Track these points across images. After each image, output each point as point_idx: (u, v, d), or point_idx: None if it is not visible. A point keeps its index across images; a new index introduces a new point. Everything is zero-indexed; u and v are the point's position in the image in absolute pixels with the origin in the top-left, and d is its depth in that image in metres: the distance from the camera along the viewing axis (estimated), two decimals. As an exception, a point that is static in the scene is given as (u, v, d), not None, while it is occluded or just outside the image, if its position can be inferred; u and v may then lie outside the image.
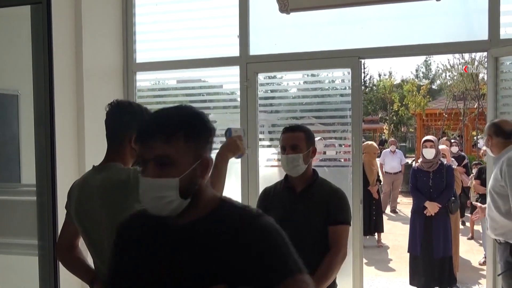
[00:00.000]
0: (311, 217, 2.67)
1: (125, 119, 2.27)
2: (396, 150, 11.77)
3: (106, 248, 2.17)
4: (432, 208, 5.47)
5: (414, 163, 17.17)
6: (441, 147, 6.85)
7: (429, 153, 5.65)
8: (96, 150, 4.26)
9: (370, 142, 8.65)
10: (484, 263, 6.47)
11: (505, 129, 3.59)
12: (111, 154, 2.26)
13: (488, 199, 3.66)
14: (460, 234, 6.73)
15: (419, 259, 5.62)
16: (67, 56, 4.20)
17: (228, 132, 2.49)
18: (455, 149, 9.14)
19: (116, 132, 2.27)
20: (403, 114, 29.37)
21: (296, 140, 2.70)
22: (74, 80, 4.26)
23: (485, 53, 4.10)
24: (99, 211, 2.13)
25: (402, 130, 35.03)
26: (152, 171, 1.34)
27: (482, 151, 7.36)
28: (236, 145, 2.42)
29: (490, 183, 3.66)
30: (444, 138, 10.45)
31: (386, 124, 30.95)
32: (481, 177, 6.80)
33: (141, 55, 4.89)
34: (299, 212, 2.69)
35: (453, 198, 5.65)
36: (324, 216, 2.65)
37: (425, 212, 5.52)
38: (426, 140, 5.77)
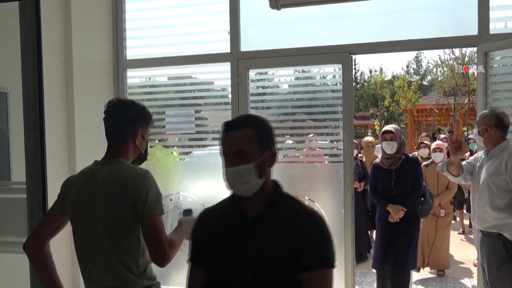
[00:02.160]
0: (273, 256, 1.73)
1: (130, 116, 2.28)
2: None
3: (98, 240, 2.16)
4: (395, 211, 4.44)
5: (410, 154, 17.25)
6: (437, 142, 6.79)
7: (388, 147, 4.55)
8: (86, 147, 4.26)
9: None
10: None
11: (506, 122, 3.49)
12: (115, 150, 2.27)
13: (480, 190, 3.56)
14: (450, 229, 6.72)
15: (385, 275, 4.60)
16: (57, 53, 4.17)
17: (189, 212, 2.52)
18: (444, 145, 9.18)
19: (120, 129, 2.28)
20: (394, 110, 29.54)
21: (241, 143, 1.76)
22: (64, 77, 4.23)
23: (475, 48, 4.10)
24: (100, 203, 2.14)
25: (394, 126, 35.15)
26: None
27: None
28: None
29: (487, 175, 3.52)
30: (424, 134, 10.46)
31: (377, 120, 31.08)
32: None
33: (132, 52, 4.88)
34: (255, 248, 1.76)
35: (422, 199, 4.62)
36: (294, 256, 1.72)
37: (388, 218, 4.52)
38: (386, 132, 4.62)
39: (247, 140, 1.76)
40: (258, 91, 4.72)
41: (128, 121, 2.28)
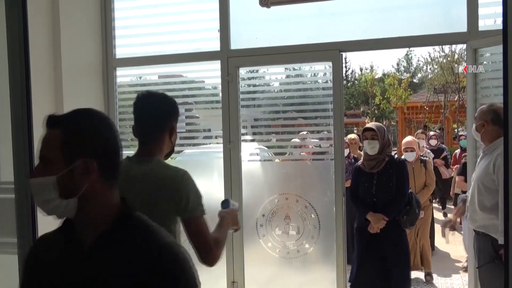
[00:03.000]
0: None
1: (167, 111, 2.22)
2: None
3: None
4: (376, 221, 3.98)
5: (396, 156, 17.36)
6: (407, 139, 6.28)
7: (369, 147, 4.11)
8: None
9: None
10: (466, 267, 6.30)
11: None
12: (150, 147, 2.20)
13: (472, 189, 3.49)
14: (439, 225, 6.64)
15: None
16: (45, 53, 4.14)
17: (227, 203, 2.46)
18: (433, 142, 9.20)
19: (158, 125, 2.20)
20: (384, 108, 29.63)
21: (44, 148, 1.33)
22: (53, 77, 4.20)
23: (464, 45, 4.11)
24: (137, 203, 2.08)
25: (384, 123, 35.35)
26: None
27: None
28: (237, 221, 2.41)
29: (477, 173, 3.46)
30: (420, 131, 10.56)
31: (368, 118, 31.18)
32: (465, 173, 6.20)
33: (121, 51, 4.85)
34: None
35: (407, 207, 4.08)
36: None
37: (368, 228, 4.06)
38: (366, 129, 4.19)
39: (50, 145, 1.31)
40: (249, 89, 4.71)
41: (165, 117, 2.21)
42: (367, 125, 4.25)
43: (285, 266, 4.54)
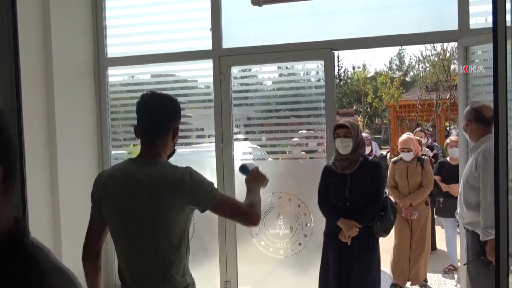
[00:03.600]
0: None
1: (172, 112, 2.20)
2: (371, 141, 11.87)
3: (147, 244, 2.08)
4: (348, 228, 3.54)
5: (388, 154, 17.40)
6: (403, 138, 5.63)
7: (342, 146, 3.64)
8: (67, 146, 4.21)
9: None
10: (449, 271, 6.22)
11: (486, 116, 3.32)
12: (155, 148, 2.16)
13: (460, 187, 3.57)
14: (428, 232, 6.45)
15: None
16: (36, 52, 4.11)
17: (245, 168, 2.50)
18: (424, 140, 9.23)
19: (164, 126, 2.18)
20: (377, 106, 29.68)
21: None
22: (44, 77, 4.17)
23: (455, 43, 4.13)
24: (147, 205, 2.06)
25: (377, 122, 35.43)
26: None
27: (448, 140, 6.69)
28: (262, 175, 2.45)
29: (464, 171, 3.53)
30: (419, 129, 10.60)
31: (360, 116, 31.24)
32: (441, 172, 6.12)
33: (113, 50, 4.83)
34: None
35: (381, 213, 3.63)
36: None
37: (339, 236, 3.60)
38: (339, 126, 3.69)
39: None
40: (241, 88, 4.71)
41: (171, 118, 2.19)
42: (340, 122, 3.76)
43: (278, 264, 4.54)
